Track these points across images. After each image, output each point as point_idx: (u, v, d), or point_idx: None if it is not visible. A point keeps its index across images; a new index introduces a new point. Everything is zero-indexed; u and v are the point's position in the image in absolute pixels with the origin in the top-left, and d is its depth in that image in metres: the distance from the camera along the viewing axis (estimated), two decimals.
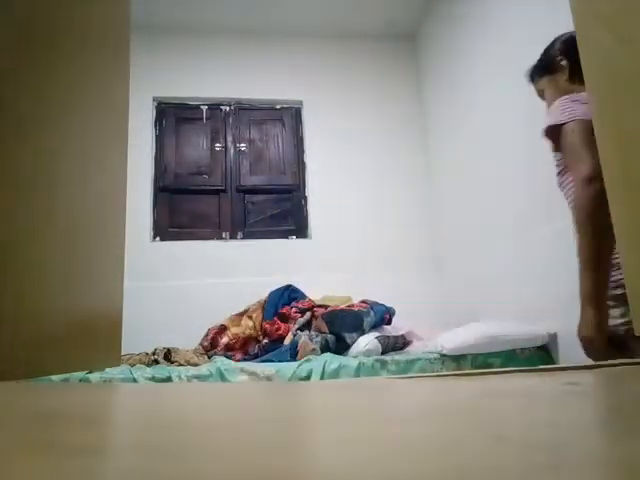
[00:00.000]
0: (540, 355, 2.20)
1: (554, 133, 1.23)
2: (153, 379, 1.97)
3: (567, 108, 1.19)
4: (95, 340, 0.93)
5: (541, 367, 0.76)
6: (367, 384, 0.85)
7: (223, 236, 3.45)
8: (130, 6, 1.19)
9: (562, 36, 1.37)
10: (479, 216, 2.92)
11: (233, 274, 3.28)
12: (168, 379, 1.98)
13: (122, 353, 1.17)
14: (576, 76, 1.22)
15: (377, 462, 0.24)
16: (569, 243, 2.08)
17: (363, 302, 2.72)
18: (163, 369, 2.11)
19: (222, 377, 2.02)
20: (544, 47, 1.44)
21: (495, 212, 2.74)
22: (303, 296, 3.00)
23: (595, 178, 1.05)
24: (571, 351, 2.12)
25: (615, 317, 1.13)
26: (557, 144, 1.23)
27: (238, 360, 2.50)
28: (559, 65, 1.34)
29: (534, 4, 2.36)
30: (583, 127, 1.12)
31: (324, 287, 3.13)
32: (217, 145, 3.62)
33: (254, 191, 3.60)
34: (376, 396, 0.58)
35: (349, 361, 2.14)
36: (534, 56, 2.34)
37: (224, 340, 2.75)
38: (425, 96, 3.75)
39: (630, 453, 0.25)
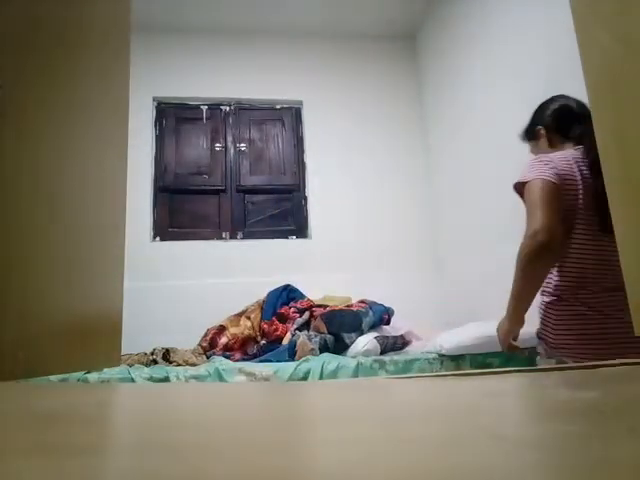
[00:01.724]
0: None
1: (520, 189, 1.34)
2: (151, 379, 1.97)
3: (533, 168, 1.31)
4: (95, 340, 0.93)
5: (541, 367, 0.76)
6: (366, 384, 0.85)
7: (223, 236, 3.45)
8: (131, 6, 1.19)
9: (551, 102, 1.50)
10: (479, 216, 2.92)
11: (233, 274, 3.28)
12: (166, 379, 1.98)
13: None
14: (556, 141, 1.42)
15: (377, 462, 0.24)
16: None
17: (362, 302, 2.72)
18: (161, 369, 2.11)
19: (220, 377, 2.02)
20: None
21: (495, 212, 2.74)
22: (302, 296, 3.00)
23: (541, 232, 1.21)
24: None
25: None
26: (523, 199, 1.35)
27: (237, 360, 2.50)
28: (539, 133, 1.48)
29: (534, 5, 2.36)
30: (543, 186, 1.25)
31: (324, 287, 3.13)
32: (217, 145, 3.62)
33: (254, 191, 3.60)
34: (375, 396, 0.58)
35: (347, 361, 2.14)
36: (534, 56, 2.35)
37: (223, 340, 2.75)
38: (425, 96, 3.75)
39: (631, 453, 0.25)
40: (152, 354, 2.43)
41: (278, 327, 2.72)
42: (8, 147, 0.70)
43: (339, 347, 2.39)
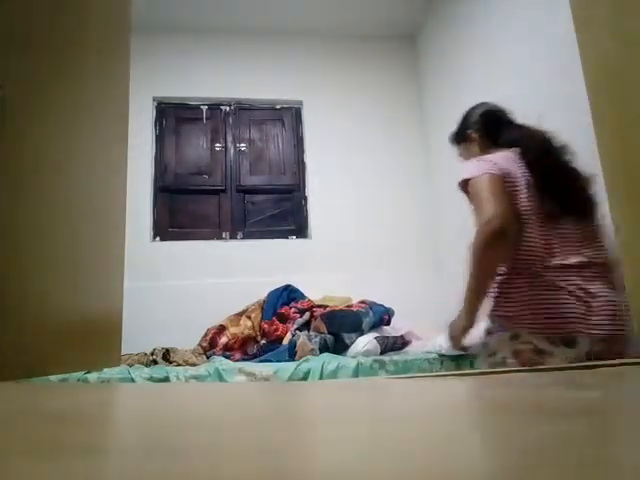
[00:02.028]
0: None
1: (465, 186, 1.37)
2: (151, 379, 1.97)
3: (475, 166, 1.36)
4: (95, 340, 0.93)
5: (540, 367, 0.76)
6: (366, 384, 0.85)
7: (223, 236, 3.45)
8: (130, 6, 1.19)
9: (477, 108, 1.57)
10: None
11: (233, 274, 3.28)
12: (166, 379, 1.98)
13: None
14: (486, 145, 1.47)
15: (376, 462, 0.24)
16: None
17: (362, 302, 2.72)
18: (161, 369, 2.11)
19: (220, 377, 2.02)
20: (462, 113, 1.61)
21: None
22: (302, 296, 2.99)
23: (494, 219, 1.24)
24: None
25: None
26: (468, 197, 1.38)
27: (237, 360, 2.50)
28: (471, 136, 1.53)
29: (535, 5, 2.36)
30: (490, 180, 1.30)
31: (324, 287, 3.13)
32: (217, 145, 3.62)
33: (254, 191, 3.60)
34: (375, 396, 0.58)
35: (347, 361, 2.14)
36: (535, 57, 2.35)
37: (223, 340, 2.75)
38: (425, 96, 3.75)
39: (630, 453, 0.25)
40: (152, 354, 2.43)
41: (278, 327, 2.72)
42: (8, 147, 0.70)
43: (339, 347, 2.39)
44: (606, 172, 0.80)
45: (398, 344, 2.50)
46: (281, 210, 3.59)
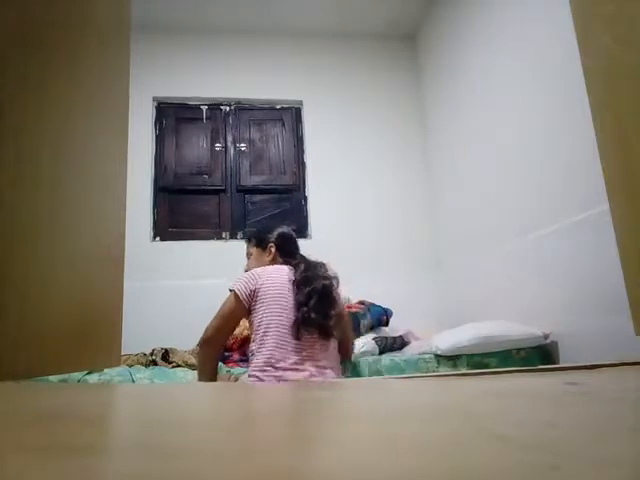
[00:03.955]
0: (537, 355, 2.19)
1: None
2: (152, 383, 1.97)
3: (241, 279, 1.69)
4: (95, 340, 0.92)
5: (541, 367, 0.76)
6: (366, 384, 0.85)
7: (223, 236, 3.45)
8: (130, 6, 1.19)
9: (273, 230, 1.87)
10: (479, 216, 2.92)
11: (233, 274, 3.26)
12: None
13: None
14: (276, 261, 1.77)
15: (377, 462, 0.24)
16: (569, 244, 2.08)
17: (360, 303, 2.72)
18: (162, 371, 2.11)
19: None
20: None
21: (495, 212, 2.74)
22: None
23: (208, 331, 1.67)
24: (571, 351, 2.12)
25: None
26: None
27: (236, 360, 2.50)
28: (270, 248, 1.81)
29: (535, 6, 2.36)
30: (232, 297, 1.66)
31: None
32: (217, 145, 3.62)
33: (254, 191, 3.60)
34: (375, 396, 0.58)
35: (345, 362, 2.14)
36: (535, 56, 2.35)
37: None
38: (425, 96, 3.75)
39: (630, 453, 0.25)
40: (151, 354, 2.43)
41: None
42: (7, 146, 0.70)
43: None
44: (606, 172, 0.80)
45: (397, 344, 2.50)
46: (281, 210, 3.59)
